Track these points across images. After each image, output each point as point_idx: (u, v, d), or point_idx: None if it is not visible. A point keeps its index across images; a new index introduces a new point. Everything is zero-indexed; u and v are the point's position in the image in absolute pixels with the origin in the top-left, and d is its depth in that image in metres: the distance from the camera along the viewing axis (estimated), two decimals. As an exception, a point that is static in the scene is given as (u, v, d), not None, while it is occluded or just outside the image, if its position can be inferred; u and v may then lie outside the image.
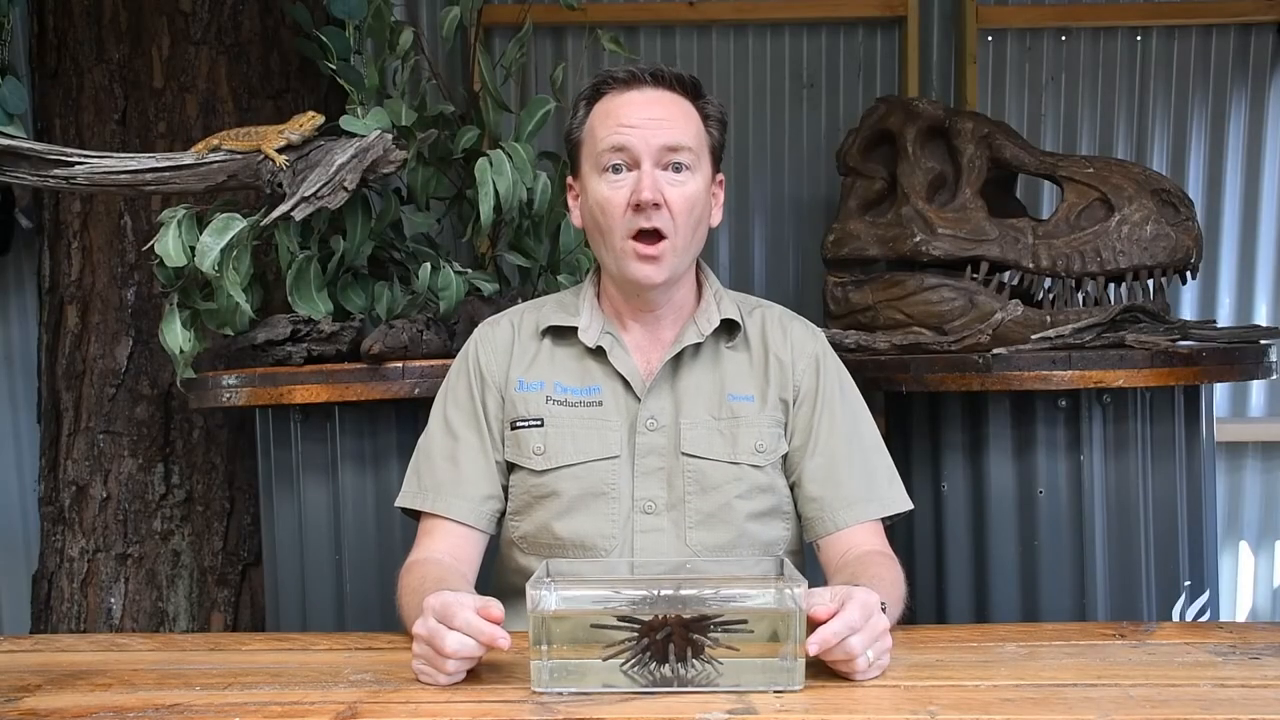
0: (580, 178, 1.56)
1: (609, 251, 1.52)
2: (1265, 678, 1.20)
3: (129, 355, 2.60)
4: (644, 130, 1.47)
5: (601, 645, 1.17)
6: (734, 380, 1.56)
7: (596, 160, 1.50)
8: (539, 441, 1.54)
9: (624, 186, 1.48)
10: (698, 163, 1.50)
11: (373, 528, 2.11)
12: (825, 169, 3.01)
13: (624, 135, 1.48)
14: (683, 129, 1.50)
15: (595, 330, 1.56)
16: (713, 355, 1.57)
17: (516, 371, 1.58)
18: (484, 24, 2.72)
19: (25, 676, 1.32)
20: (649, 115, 1.49)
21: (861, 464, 1.55)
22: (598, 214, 1.51)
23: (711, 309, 1.57)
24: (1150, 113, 3.05)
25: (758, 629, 1.17)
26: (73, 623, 2.62)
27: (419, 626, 1.22)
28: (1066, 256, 2.24)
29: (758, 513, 1.53)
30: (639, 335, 1.58)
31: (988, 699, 1.14)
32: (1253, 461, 3.09)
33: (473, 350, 1.61)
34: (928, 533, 2.27)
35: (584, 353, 1.57)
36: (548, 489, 1.53)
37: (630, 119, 1.48)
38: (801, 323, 1.63)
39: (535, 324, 1.61)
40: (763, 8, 3.01)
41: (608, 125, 1.50)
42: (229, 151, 2.12)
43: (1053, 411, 2.13)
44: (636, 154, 1.47)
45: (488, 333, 1.63)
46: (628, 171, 1.49)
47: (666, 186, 1.48)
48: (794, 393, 1.56)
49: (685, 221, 1.49)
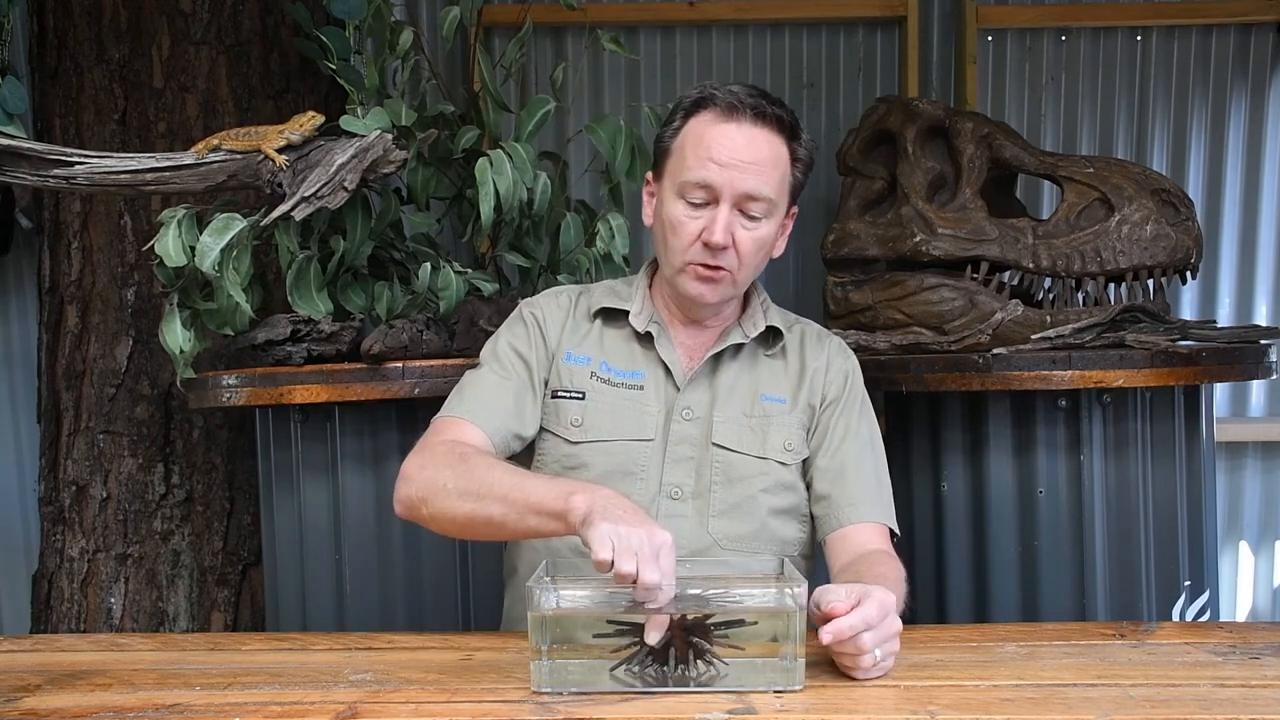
0: (661, 186, 1.58)
1: (669, 265, 1.57)
2: (1265, 678, 1.20)
3: (129, 355, 2.60)
4: (731, 172, 1.49)
5: (603, 648, 1.18)
6: (768, 383, 1.62)
7: (680, 186, 1.52)
8: (578, 414, 1.58)
9: (699, 219, 1.51)
10: (774, 210, 1.53)
11: (373, 528, 2.11)
12: (825, 169, 3.01)
13: (711, 172, 1.49)
14: (768, 177, 1.51)
15: (645, 317, 1.62)
16: (751, 358, 1.63)
17: (568, 344, 1.62)
18: (484, 24, 2.72)
19: (25, 676, 1.32)
20: (740, 157, 1.49)
21: (872, 473, 1.60)
22: (668, 231, 1.55)
23: (758, 316, 1.64)
24: (1150, 113, 3.05)
25: (757, 630, 1.17)
26: (73, 623, 2.62)
27: (634, 538, 1.17)
28: (1066, 256, 2.24)
29: (779, 509, 1.57)
30: (684, 333, 1.64)
31: (988, 699, 1.14)
32: (1253, 461, 3.09)
33: (539, 305, 1.65)
34: (928, 533, 2.27)
35: (632, 336, 1.62)
36: (579, 460, 1.57)
37: (721, 156, 1.49)
38: (839, 342, 1.69)
39: (588, 305, 1.65)
40: (763, 8, 3.00)
41: (699, 155, 1.51)
42: (229, 151, 2.12)
43: (1053, 411, 2.13)
44: (719, 193, 1.50)
45: (549, 299, 1.67)
46: (705, 207, 1.51)
47: (738, 229, 1.51)
48: (821, 398, 1.62)
49: (750, 260, 1.54)
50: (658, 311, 1.63)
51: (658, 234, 1.59)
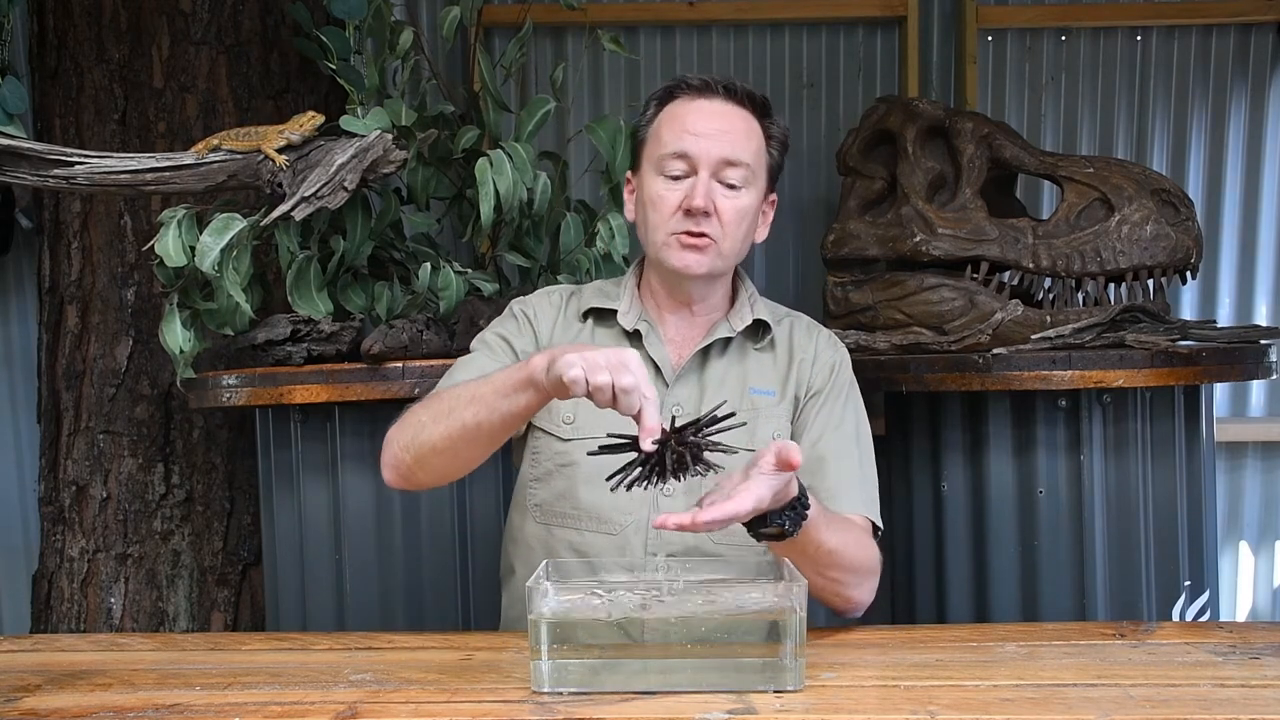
0: (640, 174, 1.61)
1: (653, 244, 1.58)
2: (1265, 678, 1.20)
3: (129, 355, 2.60)
4: (707, 140, 1.52)
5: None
6: (757, 376, 1.62)
7: (658, 162, 1.55)
8: (570, 411, 1.59)
9: (678, 190, 1.54)
10: (753, 180, 1.56)
11: (373, 528, 2.11)
12: (825, 169, 3.01)
13: (687, 142, 1.53)
14: (744, 145, 1.55)
15: (634, 315, 1.63)
16: (740, 352, 1.64)
17: (560, 341, 1.63)
18: (484, 24, 2.72)
19: (25, 676, 1.32)
20: (715, 126, 1.54)
21: (855, 466, 1.59)
22: (649, 209, 1.57)
23: (745, 309, 1.64)
24: (1150, 113, 3.05)
25: (757, 630, 1.17)
26: (73, 623, 2.62)
27: (600, 355, 1.24)
28: (1066, 256, 2.24)
29: None
30: (673, 329, 1.64)
31: (988, 699, 1.14)
32: (1253, 461, 3.09)
33: (530, 304, 1.67)
34: (928, 533, 2.27)
35: (621, 335, 1.63)
36: (570, 458, 1.57)
37: (696, 127, 1.53)
38: (828, 334, 1.70)
39: (578, 306, 1.67)
40: (763, 8, 3.00)
41: (674, 130, 1.55)
42: (229, 151, 2.12)
43: (1053, 411, 2.13)
44: (696, 162, 1.53)
45: (541, 298, 1.69)
46: (685, 178, 1.54)
47: (719, 198, 1.53)
48: (806, 388, 1.62)
49: (734, 231, 1.55)
50: (646, 309, 1.64)
51: (640, 218, 1.61)
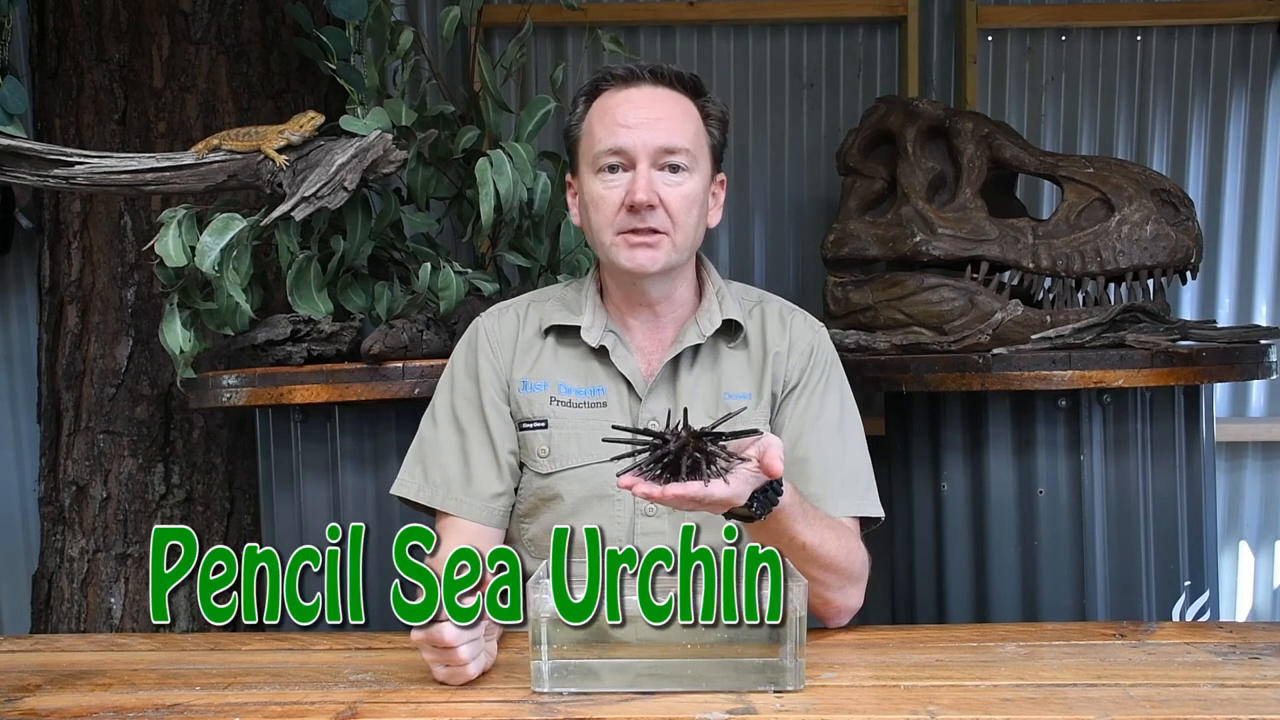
0: (578, 176, 1.55)
1: (601, 246, 1.51)
2: (1265, 678, 1.20)
3: (129, 355, 2.60)
4: (641, 130, 1.46)
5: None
6: (731, 379, 1.55)
7: (593, 160, 1.49)
8: (544, 444, 1.54)
9: (619, 186, 1.47)
10: (695, 164, 1.49)
11: (373, 527, 2.10)
12: (825, 169, 3.01)
13: (620, 136, 1.46)
14: (680, 129, 1.48)
15: (598, 330, 1.55)
16: (712, 355, 1.57)
17: (520, 371, 1.57)
18: (484, 24, 2.71)
19: (25, 676, 1.32)
20: (647, 114, 1.47)
21: (839, 461, 1.53)
22: (592, 210, 1.50)
23: (714, 309, 1.56)
24: (1150, 113, 3.05)
25: (757, 630, 1.17)
26: (73, 623, 2.62)
27: (415, 634, 1.21)
28: (1066, 256, 2.24)
29: None
30: (641, 335, 1.57)
31: (988, 699, 1.14)
32: (1253, 461, 3.09)
33: (478, 344, 1.59)
34: (928, 533, 2.27)
35: (587, 352, 1.56)
36: (552, 491, 1.53)
37: (627, 118, 1.47)
38: (803, 315, 1.62)
39: (539, 321, 1.59)
40: (763, 8, 3.00)
41: (605, 124, 1.48)
42: (229, 151, 2.12)
43: (1053, 411, 2.13)
44: (633, 155, 1.46)
45: (492, 326, 1.60)
46: (623, 172, 1.48)
47: (663, 187, 1.46)
48: (782, 385, 1.55)
49: (684, 220, 1.48)
50: (611, 319, 1.57)
51: (585, 221, 1.54)
